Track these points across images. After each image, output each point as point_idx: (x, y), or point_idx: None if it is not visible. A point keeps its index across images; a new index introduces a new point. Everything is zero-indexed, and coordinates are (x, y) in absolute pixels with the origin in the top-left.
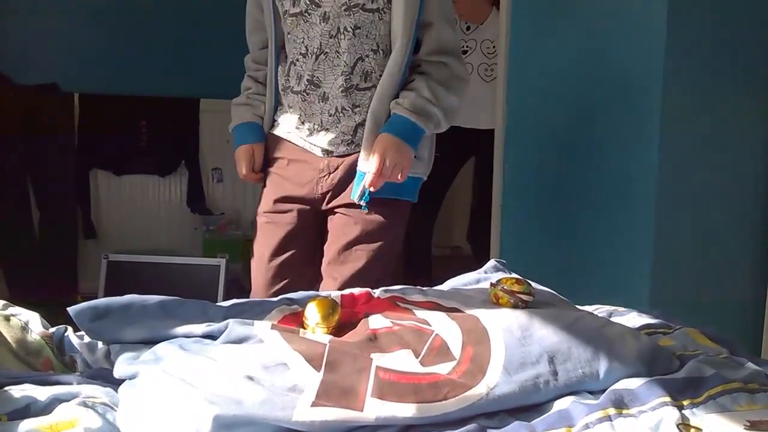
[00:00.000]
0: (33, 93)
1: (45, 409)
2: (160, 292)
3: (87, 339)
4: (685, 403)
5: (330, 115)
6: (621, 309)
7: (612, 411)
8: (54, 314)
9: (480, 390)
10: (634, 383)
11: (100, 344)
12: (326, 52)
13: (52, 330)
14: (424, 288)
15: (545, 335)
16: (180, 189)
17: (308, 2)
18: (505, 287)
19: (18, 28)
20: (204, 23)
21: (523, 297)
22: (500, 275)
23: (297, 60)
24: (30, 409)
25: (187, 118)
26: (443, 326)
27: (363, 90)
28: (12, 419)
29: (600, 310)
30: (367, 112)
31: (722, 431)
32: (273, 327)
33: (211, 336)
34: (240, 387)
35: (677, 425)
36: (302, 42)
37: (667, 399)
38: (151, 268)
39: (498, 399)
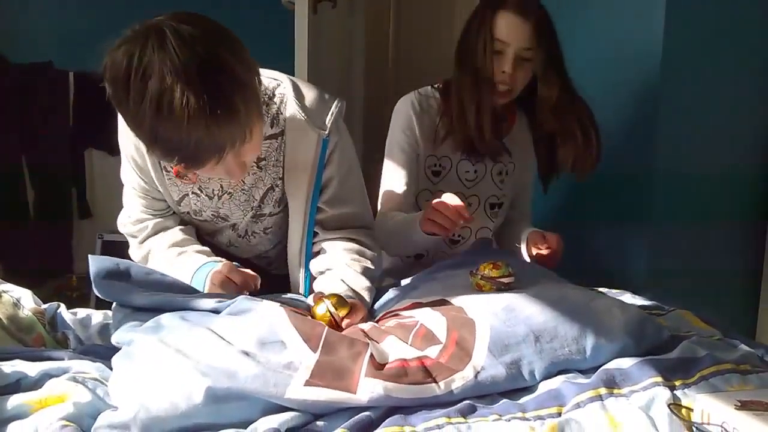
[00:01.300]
0: (27, 71)
1: (35, 384)
2: None
3: (80, 315)
4: (677, 383)
5: None
6: (614, 291)
7: (603, 390)
8: (48, 295)
9: (467, 373)
10: (626, 363)
11: (93, 320)
12: (236, 246)
13: (44, 306)
14: (408, 280)
15: (530, 314)
16: None
17: (212, 216)
18: (483, 274)
19: (12, 6)
20: (199, 3)
21: (504, 280)
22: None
23: (205, 241)
24: (20, 385)
25: None
26: (427, 317)
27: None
28: (2, 394)
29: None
30: None
31: (713, 411)
32: (281, 305)
33: (219, 311)
34: (235, 361)
35: (668, 405)
36: (212, 236)
37: (659, 379)
38: None
39: (486, 382)
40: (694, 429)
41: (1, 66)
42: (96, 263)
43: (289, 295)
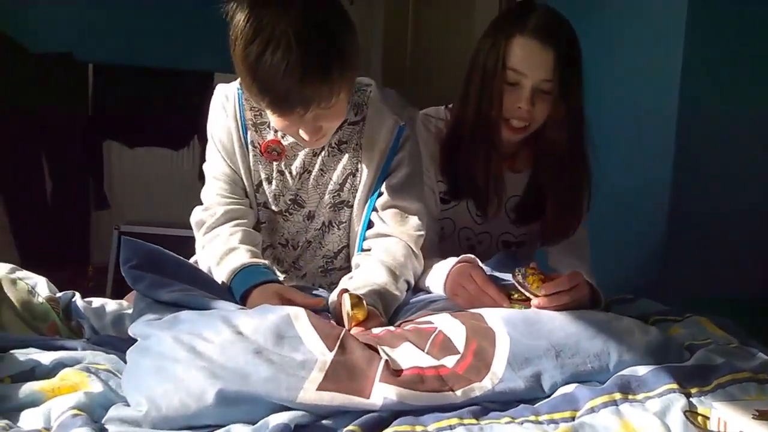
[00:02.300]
0: (48, 62)
1: (49, 373)
2: None
3: (95, 305)
4: (693, 390)
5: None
6: (629, 296)
7: (618, 396)
8: (64, 284)
9: (485, 384)
10: (641, 370)
11: (107, 308)
12: (310, 242)
13: (59, 295)
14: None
15: (552, 329)
16: (193, 162)
17: (289, 202)
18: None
19: None
20: None
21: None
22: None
23: (276, 246)
24: (34, 372)
25: (201, 91)
26: (446, 323)
27: (342, 270)
28: (16, 381)
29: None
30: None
31: (730, 420)
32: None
33: None
34: (248, 361)
35: (684, 412)
36: (282, 235)
37: (675, 386)
38: (163, 240)
39: (503, 393)
40: None
41: (20, 56)
42: (127, 249)
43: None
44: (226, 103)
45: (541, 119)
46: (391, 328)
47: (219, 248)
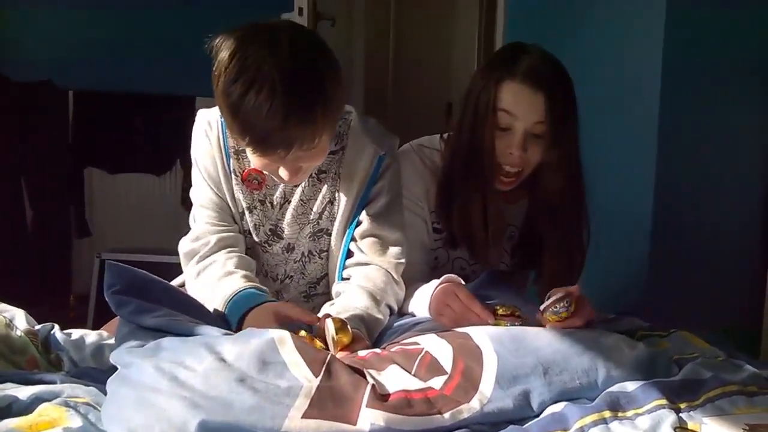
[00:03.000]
0: (27, 90)
1: (27, 408)
2: None
3: (74, 336)
4: (682, 405)
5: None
6: (612, 316)
7: (608, 414)
8: (46, 314)
9: (473, 405)
10: (630, 386)
11: (87, 341)
12: (291, 275)
13: (37, 327)
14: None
15: (539, 346)
16: (175, 188)
17: (269, 233)
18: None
19: (12, 24)
20: (199, 20)
21: (518, 314)
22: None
23: (258, 273)
24: (11, 409)
25: (183, 116)
26: (432, 344)
27: (325, 294)
28: None
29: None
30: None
31: None
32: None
33: None
34: (231, 390)
35: (674, 428)
36: (262, 265)
37: (664, 402)
38: (146, 267)
39: (492, 414)
40: None
41: (1, 85)
42: (111, 273)
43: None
44: (209, 130)
45: (535, 162)
46: (377, 350)
47: (215, 274)
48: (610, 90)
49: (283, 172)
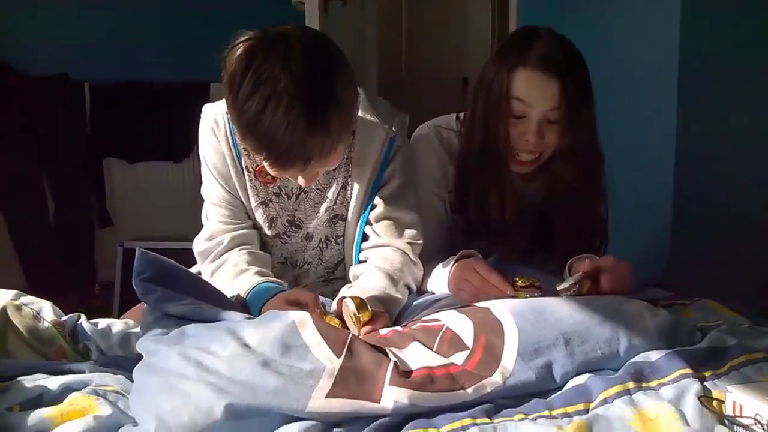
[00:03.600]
0: (44, 84)
1: (57, 398)
2: None
3: (101, 326)
4: (707, 374)
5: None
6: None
7: (631, 384)
8: (72, 304)
9: (496, 379)
10: (654, 355)
11: (114, 330)
12: (309, 262)
13: (64, 318)
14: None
15: (560, 317)
16: (194, 174)
17: (287, 224)
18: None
19: (26, 21)
20: (211, 6)
21: (537, 284)
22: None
23: (274, 266)
24: (42, 399)
25: (198, 103)
26: (453, 320)
27: (343, 278)
28: (24, 409)
29: None
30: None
31: (746, 403)
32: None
33: None
34: (255, 374)
35: (698, 398)
36: (281, 255)
37: (688, 371)
38: (168, 254)
39: (515, 387)
40: (726, 422)
41: (17, 80)
42: (141, 261)
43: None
44: (216, 129)
45: (553, 146)
46: (398, 328)
47: (228, 273)
48: (628, 66)
49: (300, 180)
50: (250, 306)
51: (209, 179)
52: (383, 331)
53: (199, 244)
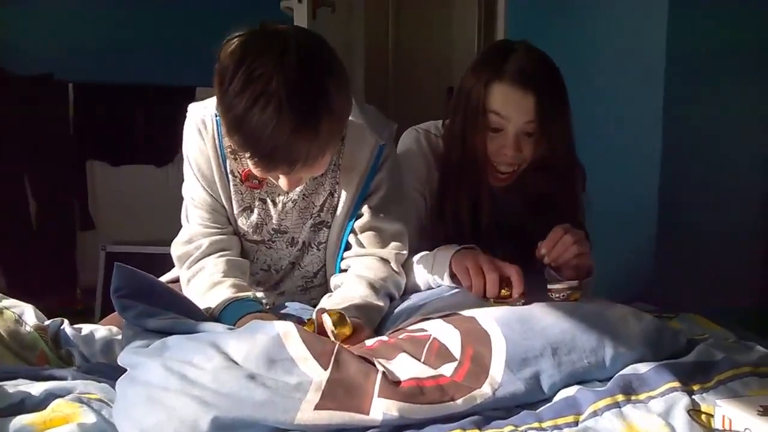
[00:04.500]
0: (27, 84)
1: (39, 404)
2: None
3: (84, 332)
4: (695, 388)
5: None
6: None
7: (620, 397)
8: (53, 308)
9: (485, 390)
10: (642, 368)
11: (97, 336)
12: (293, 263)
13: (47, 323)
14: (413, 299)
15: (546, 326)
16: (177, 179)
17: (272, 231)
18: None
19: (11, 19)
20: (198, 10)
21: (515, 301)
22: None
23: (256, 273)
24: (24, 405)
25: (183, 107)
26: (440, 330)
27: (321, 286)
28: (6, 415)
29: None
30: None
31: (735, 417)
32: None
33: None
34: (241, 387)
35: (687, 411)
36: (264, 261)
37: (677, 384)
38: (150, 258)
39: (505, 398)
40: None
41: (1, 79)
42: (118, 277)
43: (298, 306)
44: (203, 130)
45: (530, 158)
46: (384, 338)
47: (203, 283)
48: (614, 74)
49: (282, 182)
50: (222, 322)
51: (191, 180)
52: (369, 342)
53: (177, 248)
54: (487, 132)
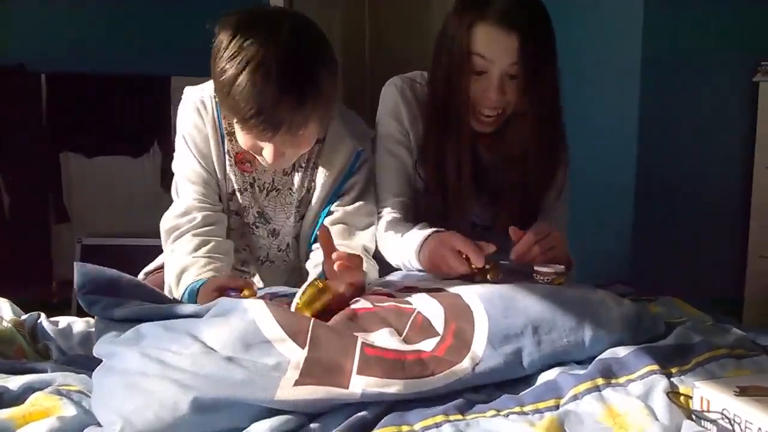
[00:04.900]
0: (0, 75)
1: (18, 398)
2: (136, 275)
3: (61, 325)
4: (673, 370)
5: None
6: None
7: (600, 381)
8: (29, 301)
9: (465, 365)
10: (621, 351)
11: (74, 330)
12: (273, 261)
13: (24, 316)
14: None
15: (528, 305)
16: (153, 169)
17: (256, 215)
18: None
19: None
20: None
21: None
22: None
23: (242, 250)
24: (3, 399)
25: (159, 97)
26: (424, 304)
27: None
28: None
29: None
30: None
31: (713, 398)
32: (264, 301)
33: (201, 315)
34: (220, 367)
35: (666, 393)
36: (247, 246)
37: (656, 367)
38: (127, 250)
39: (484, 373)
40: (694, 417)
41: None
42: (80, 275)
43: (283, 289)
44: (203, 110)
45: (514, 103)
46: (369, 305)
47: (181, 260)
48: (591, 57)
49: (266, 152)
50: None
51: (187, 156)
52: (356, 305)
53: (168, 221)
54: (471, 75)
